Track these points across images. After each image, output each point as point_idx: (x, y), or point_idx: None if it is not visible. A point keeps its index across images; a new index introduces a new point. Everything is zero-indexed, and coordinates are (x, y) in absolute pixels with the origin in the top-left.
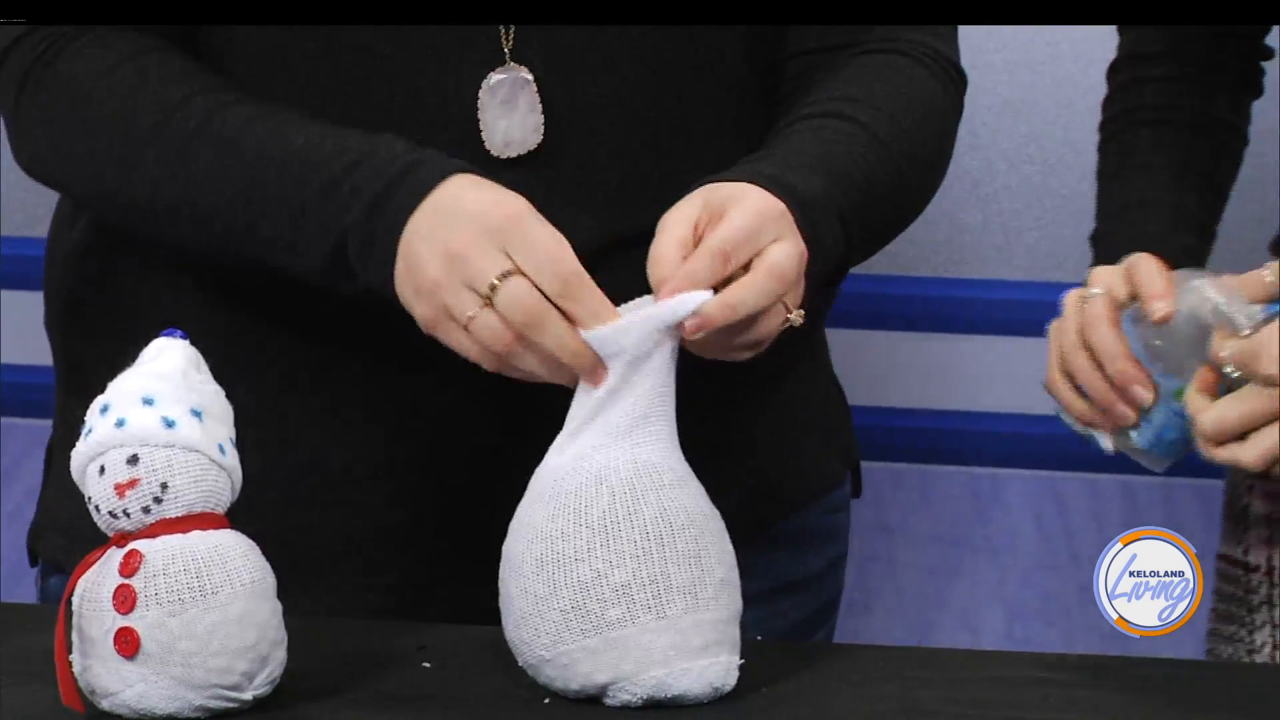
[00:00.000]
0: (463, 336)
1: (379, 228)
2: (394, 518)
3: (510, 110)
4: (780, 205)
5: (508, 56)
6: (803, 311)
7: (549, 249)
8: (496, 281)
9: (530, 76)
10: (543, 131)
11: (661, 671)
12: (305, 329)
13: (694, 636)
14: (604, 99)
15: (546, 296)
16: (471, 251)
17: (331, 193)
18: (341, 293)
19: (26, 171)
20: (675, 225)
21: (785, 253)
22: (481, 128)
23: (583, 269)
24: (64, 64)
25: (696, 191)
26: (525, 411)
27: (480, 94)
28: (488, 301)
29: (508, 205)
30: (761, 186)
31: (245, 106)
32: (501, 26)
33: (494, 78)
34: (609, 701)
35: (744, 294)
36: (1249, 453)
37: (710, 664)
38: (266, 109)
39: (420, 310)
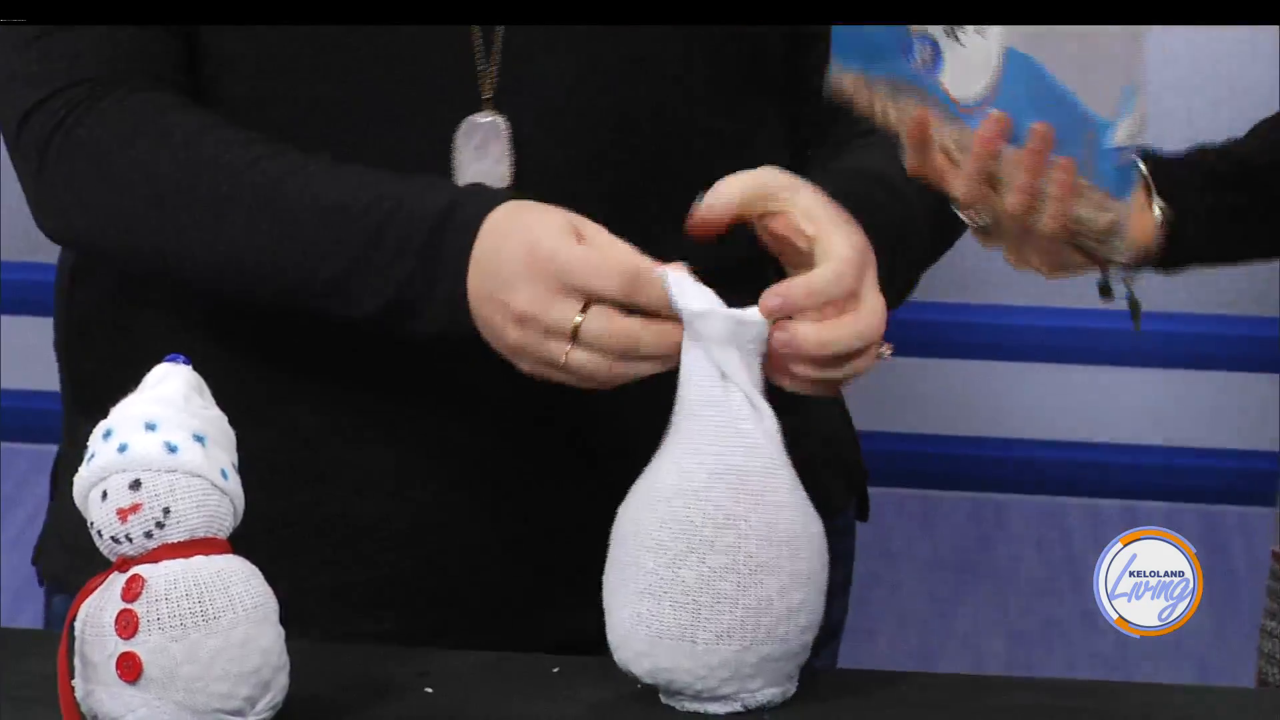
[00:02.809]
0: (565, 376)
1: (437, 285)
2: (393, 567)
3: (482, 156)
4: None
5: (485, 103)
6: (891, 345)
7: (594, 264)
8: (575, 326)
9: (504, 125)
10: (509, 180)
11: (778, 690)
12: (306, 371)
13: (805, 661)
14: (575, 155)
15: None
16: (535, 308)
17: (378, 245)
18: (408, 335)
19: (53, 238)
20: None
21: (880, 300)
22: (455, 171)
23: (636, 260)
24: (84, 130)
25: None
26: (543, 464)
27: (456, 137)
28: (574, 342)
29: (541, 245)
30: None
31: (272, 163)
32: (480, 72)
33: (469, 122)
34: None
35: (839, 333)
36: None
37: (795, 682)
38: (292, 162)
39: (522, 367)
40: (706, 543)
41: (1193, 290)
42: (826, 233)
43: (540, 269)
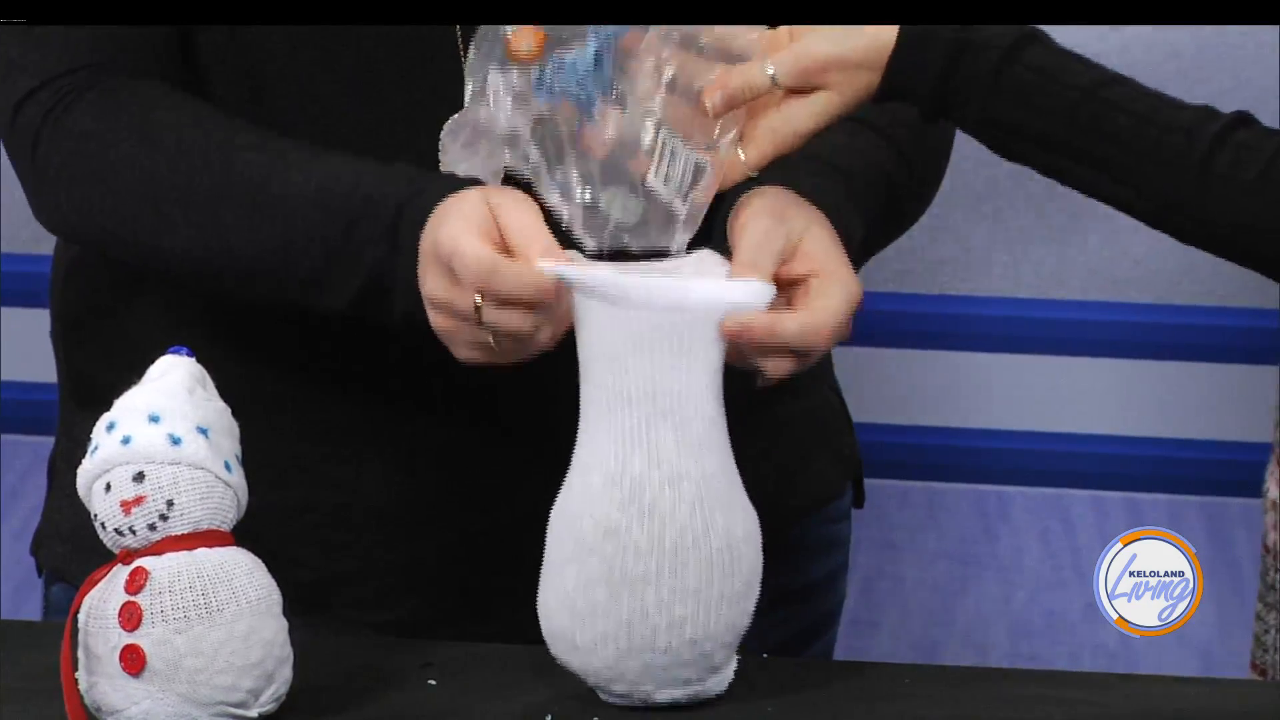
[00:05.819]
0: (500, 354)
1: (398, 273)
2: (389, 559)
3: (471, 154)
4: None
5: (469, 100)
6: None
7: (468, 259)
8: (478, 308)
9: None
10: (503, 174)
11: (680, 692)
12: (300, 363)
13: (722, 664)
14: None
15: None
16: (441, 295)
17: (351, 235)
18: (382, 324)
19: (49, 229)
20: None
21: (839, 309)
22: (442, 170)
23: (493, 260)
24: (72, 121)
25: (780, 221)
26: (525, 455)
27: (442, 137)
28: (482, 326)
29: (442, 237)
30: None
31: (253, 155)
32: (464, 70)
33: (454, 121)
34: (604, 696)
35: (792, 327)
36: None
37: (721, 678)
38: (274, 154)
39: (458, 355)
40: (588, 548)
41: (1194, 282)
42: (827, 284)
43: (442, 261)
